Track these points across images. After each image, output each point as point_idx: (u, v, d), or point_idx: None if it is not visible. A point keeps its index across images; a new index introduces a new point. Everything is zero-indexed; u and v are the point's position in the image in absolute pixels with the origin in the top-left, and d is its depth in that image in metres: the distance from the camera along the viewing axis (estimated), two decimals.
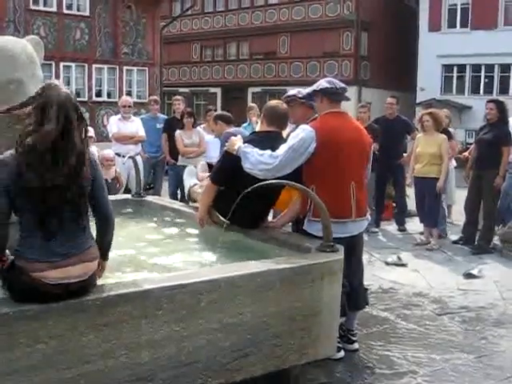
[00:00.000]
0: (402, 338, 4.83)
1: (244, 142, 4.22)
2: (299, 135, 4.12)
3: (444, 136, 8.13)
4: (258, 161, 4.05)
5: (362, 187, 4.34)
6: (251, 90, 29.73)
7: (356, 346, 4.52)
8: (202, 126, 9.78)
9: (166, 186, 9.77)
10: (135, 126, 9.26)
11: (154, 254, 4.15)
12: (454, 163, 9.35)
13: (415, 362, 4.36)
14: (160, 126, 9.88)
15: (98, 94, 18.78)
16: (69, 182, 2.70)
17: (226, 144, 4.34)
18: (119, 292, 2.87)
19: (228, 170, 4.25)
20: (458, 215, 9.59)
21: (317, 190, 4.04)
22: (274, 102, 4.60)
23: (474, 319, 5.32)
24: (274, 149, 4.13)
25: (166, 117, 10.59)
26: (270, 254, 3.83)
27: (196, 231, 4.62)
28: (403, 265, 7.20)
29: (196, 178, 5.45)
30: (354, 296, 4.32)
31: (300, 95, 4.68)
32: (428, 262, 7.45)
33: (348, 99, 4.49)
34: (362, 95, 25.69)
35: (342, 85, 4.35)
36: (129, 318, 2.87)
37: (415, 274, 6.81)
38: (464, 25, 25.25)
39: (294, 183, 3.90)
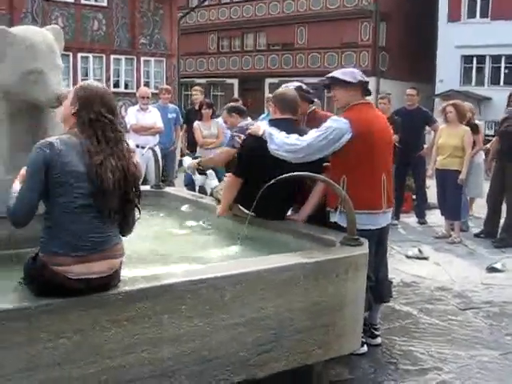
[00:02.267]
0: (425, 333, 4.74)
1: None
2: (332, 125, 4.04)
3: (467, 128, 7.99)
4: (283, 142, 4.01)
5: (391, 178, 4.33)
6: (268, 80, 29.59)
7: (379, 340, 4.45)
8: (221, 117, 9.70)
9: (181, 177, 9.74)
10: (153, 116, 9.20)
11: (175, 247, 4.10)
12: (482, 156, 9.17)
13: (439, 359, 4.27)
14: (171, 115, 9.84)
15: (116, 85, 18.75)
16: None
17: (250, 128, 4.31)
18: (141, 286, 2.81)
19: (249, 161, 4.20)
20: (478, 208, 9.46)
21: (348, 182, 3.99)
22: (281, 90, 4.55)
23: (498, 314, 5.22)
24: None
25: (176, 107, 10.51)
26: (293, 248, 3.75)
27: (217, 224, 4.55)
28: (424, 258, 7.10)
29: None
30: (379, 288, 4.25)
31: (304, 87, 4.76)
32: (450, 255, 7.34)
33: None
34: (380, 86, 25.46)
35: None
36: (151, 312, 2.81)
37: (437, 268, 6.71)
38: (484, 15, 24.93)
39: (319, 176, 3.83)
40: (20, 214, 2.67)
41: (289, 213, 4.60)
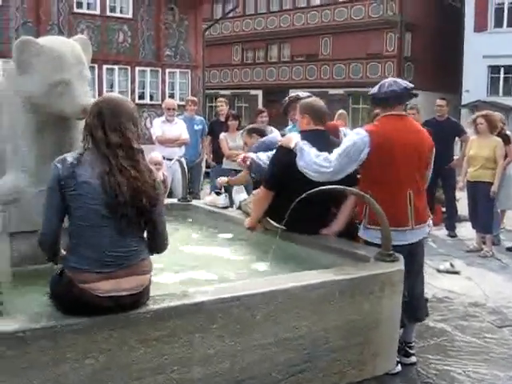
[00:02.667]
0: (461, 352, 4.56)
1: None
2: (353, 139, 3.94)
3: (499, 139, 7.81)
4: (312, 162, 3.91)
5: (421, 194, 4.11)
6: (292, 92, 29.52)
7: (414, 359, 4.28)
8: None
9: (206, 189, 9.66)
10: (179, 128, 9.15)
11: (203, 262, 4.00)
12: None
13: (477, 379, 4.09)
14: (198, 127, 9.80)
15: (141, 97, 18.76)
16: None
17: (281, 139, 4.23)
18: (171, 305, 2.72)
19: (280, 173, 4.10)
20: (509, 220, 9.24)
21: (373, 197, 3.84)
22: (310, 100, 4.49)
23: None
24: (322, 148, 4.01)
25: (202, 118, 10.47)
26: (324, 263, 3.64)
27: (246, 238, 4.45)
28: (456, 272, 6.90)
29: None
30: (415, 306, 4.09)
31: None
32: (482, 269, 7.13)
33: (408, 100, 4.29)
34: None
35: (404, 85, 4.12)
36: (181, 332, 2.72)
37: (469, 283, 6.51)
38: (511, 24, 24.59)
39: (352, 189, 3.72)
40: (42, 232, 2.70)
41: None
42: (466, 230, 8.86)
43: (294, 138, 4.12)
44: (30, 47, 3.41)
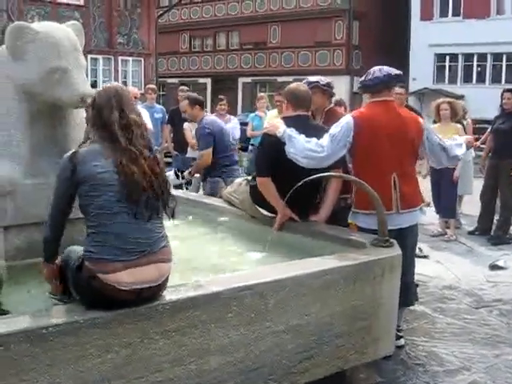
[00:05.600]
0: (445, 333, 4.68)
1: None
2: (340, 124, 4.02)
3: (459, 125, 8.01)
4: (303, 148, 3.93)
5: (408, 178, 4.14)
6: (241, 80, 29.51)
7: (402, 341, 4.36)
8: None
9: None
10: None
11: (198, 252, 3.96)
12: (472, 153, 9.18)
13: (465, 359, 4.21)
14: (158, 115, 9.73)
15: (93, 86, 18.24)
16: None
17: (266, 127, 4.20)
18: (189, 295, 2.68)
19: (270, 157, 4.09)
20: (467, 205, 9.47)
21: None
22: (293, 85, 4.44)
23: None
24: (305, 133, 4.02)
25: (162, 107, 10.37)
26: (322, 251, 3.64)
27: (233, 226, 4.44)
28: (425, 256, 7.05)
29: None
30: (406, 292, 4.15)
31: (322, 83, 4.70)
32: (448, 253, 7.32)
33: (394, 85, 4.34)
34: (354, 85, 25.56)
35: (389, 72, 4.17)
36: (199, 322, 2.69)
37: (440, 266, 6.66)
38: (456, 14, 25.22)
39: (347, 176, 3.76)
40: (49, 223, 2.75)
41: None
42: (426, 216, 9.02)
43: (280, 126, 4.10)
44: (25, 33, 3.28)
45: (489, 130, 8.55)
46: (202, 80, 31.30)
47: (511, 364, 4.13)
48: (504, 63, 24.76)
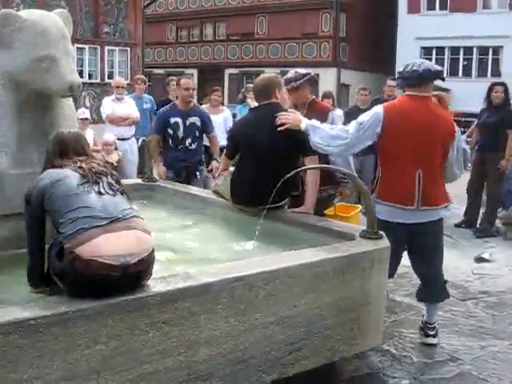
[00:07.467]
0: None
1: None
2: (370, 113, 4.02)
3: None
4: (329, 135, 3.98)
5: (433, 177, 4.00)
6: (228, 71, 29.39)
7: (435, 340, 4.33)
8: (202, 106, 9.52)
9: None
10: (129, 106, 8.97)
11: (184, 243, 3.94)
12: None
13: (452, 350, 4.23)
14: (146, 105, 9.66)
15: (79, 75, 18.12)
16: None
17: (288, 121, 4.11)
18: (178, 286, 2.66)
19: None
20: (453, 198, 9.48)
21: (382, 172, 4.00)
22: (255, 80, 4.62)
23: (497, 304, 5.23)
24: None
25: (151, 97, 10.29)
26: (311, 242, 3.64)
27: (221, 217, 4.42)
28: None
29: None
30: (431, 288, 4.19)
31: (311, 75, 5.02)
32: None
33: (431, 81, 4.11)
34: (341, 77, 25.58)
35: (428, 67, 4.01)
36: (188, 314, 2.67)
37: None
38: (443, 7, 25.28)
39: (337, 168, 3.76)
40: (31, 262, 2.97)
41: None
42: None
43: (301, 119, 4.12)
44: (11, 20, 3.22)
45: (474, 123, 8.59)
46: (188, 71, 31.04)
47: (497, 355, 4.16)
48: (490, 57, 24.90)
